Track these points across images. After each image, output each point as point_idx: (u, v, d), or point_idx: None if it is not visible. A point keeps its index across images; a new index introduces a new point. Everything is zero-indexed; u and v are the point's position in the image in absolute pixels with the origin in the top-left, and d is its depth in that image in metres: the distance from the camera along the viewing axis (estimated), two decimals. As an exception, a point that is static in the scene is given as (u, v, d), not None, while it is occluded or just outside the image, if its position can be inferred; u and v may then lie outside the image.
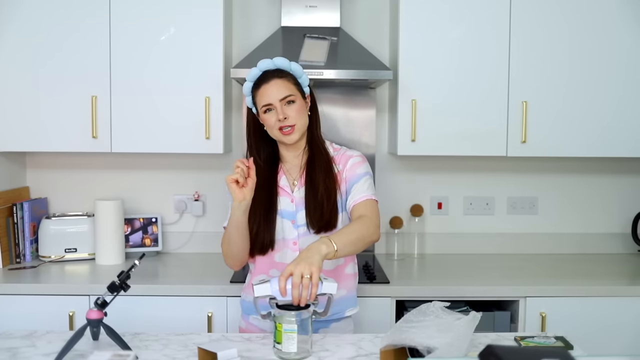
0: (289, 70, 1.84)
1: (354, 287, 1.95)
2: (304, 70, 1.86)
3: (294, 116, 1.80)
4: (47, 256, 2.67)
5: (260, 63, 1.83)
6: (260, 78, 1.83)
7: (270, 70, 1.83)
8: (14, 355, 1.54)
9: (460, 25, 2.58)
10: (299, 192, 1.87)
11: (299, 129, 1.82)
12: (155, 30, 2.53)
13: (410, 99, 2.58)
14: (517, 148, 2.61)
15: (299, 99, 1.83)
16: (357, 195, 1.84)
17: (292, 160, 1.91)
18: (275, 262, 1.87)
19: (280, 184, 1.88)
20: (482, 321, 1.53)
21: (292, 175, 1.90)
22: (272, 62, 1.83)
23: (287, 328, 1.51)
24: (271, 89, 1.80)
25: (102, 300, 1.57)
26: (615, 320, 2.33)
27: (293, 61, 1.85)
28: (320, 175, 1.84)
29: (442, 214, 2.97)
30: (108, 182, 2.91)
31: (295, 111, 1.80)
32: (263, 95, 1.81)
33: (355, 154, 1.93)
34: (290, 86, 1.82)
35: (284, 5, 2.69)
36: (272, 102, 1.79)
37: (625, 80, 2.60)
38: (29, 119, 2.54)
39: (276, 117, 1.79)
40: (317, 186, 1.83)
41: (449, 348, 1.33)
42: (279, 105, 1.79)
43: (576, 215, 3.00)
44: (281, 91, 1.79)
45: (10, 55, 2.52)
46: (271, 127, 1.82)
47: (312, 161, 1.88)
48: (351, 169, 1.89)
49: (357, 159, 1.91)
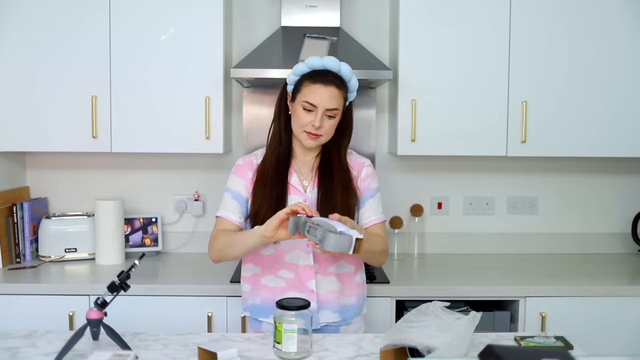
0: (348, 82, 1.80)
1: (362, 295, 1.93)
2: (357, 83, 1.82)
3: (327, 129, 1.78)
4: (47, 256, 2.67)
5: (326, 59, 1.76)
6: (320, 74, 1.76)
7: (334, 71, 1.77)
8: (14, 355, 1.54)
9: (460, 25, 2.58)
10: (311, 194, 1.84)
11: (323, 140, 1.80)
12: (156, 30, 2.53)
13: (410, 99, 2.58)
14: (517, 148, 2.61)
15: (340, 114, 1.80)
16: (370, 215, 1.87)
17: (303, 157, 1.87)
18: (285, 262, 1.83)
19: (292, 182, 1.84)
20: (482, 321, 1.53)
21: (303, 174, 1.87)
22: (339, 66, 1.77)
23: (287, 328, 1.51)
24: (326, 94, 1.74)
25: (102, 300, 1.57)
26: (615, 320, 2.33)
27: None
28: (339, 192, 1.81)
29: (442, 214, 2.97)
30: (108, 182, 2.91)
31: (331, 126, 1.78)
32: (313, 93, 1.74)
33: (367, 163, 1.93)
34: (341, 101, 1.78)
35: (284, 5, 2.69)
36: (318, 106, 1.74)
37: (625, 80, 2.60)
38: (29, 119, 2.54)
39: (311, 120, 1.75)
40: (334, 200, 1.79)
41: (449, 348, 1.33)
42: (321, 113, 1.74)
43: (576, 215, 3.00)
44: (332, 102, 1.75)
45: (10, 55, 2.52)
46: (302, 126, 1.77)
47: (330, 173, 1.83)
48: (365, 181, 1.89)
49: (369, 170, 1.92)
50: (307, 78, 1.77)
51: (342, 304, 1.86)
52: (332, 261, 1.84)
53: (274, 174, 1.82)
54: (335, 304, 1.84)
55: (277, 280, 1.84)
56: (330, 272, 1.84)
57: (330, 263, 1.84)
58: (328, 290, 1.84)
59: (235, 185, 1.87)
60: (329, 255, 1.67)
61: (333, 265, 1.85)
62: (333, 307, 1.84)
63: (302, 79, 1.78)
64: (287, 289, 1.82)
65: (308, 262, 1.82)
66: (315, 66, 1.77)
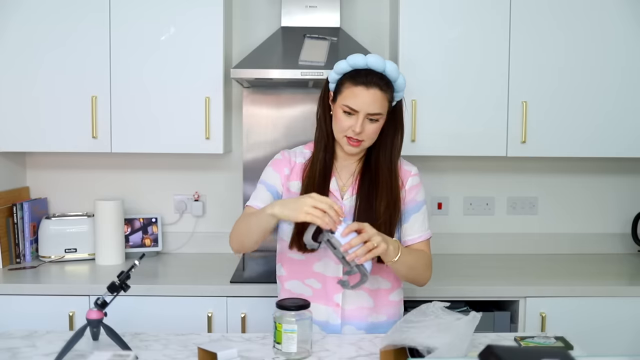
0: (394, 82, 1.67)
1: (397, 314, 1.81)
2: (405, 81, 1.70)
3: (369, 134, 1.65)
4: (47, 256, 2.67)
5: (370, 57, 1.63)
6: (363, 74, 1.63)
7: (377, 72, 1.64)
8: (14, 355, 1.54)
9: (460, 25, 2.58)
10: (348, 200, 1.73)
11: (366, 145, 1.68)
12: (155, 30, 2.53)
13: (410, 99, 2.58)
14: (517, 148, 2.61)
15: (384, 118, 1.67)
16: (415, 232, 1.75)
17: (344, 160, 1.76)
18: (314, 271, 1.74)
19: (330, 187, 1.73)
20: (482, 321, 1.53)
21: (342, 179, 1.76)
22: (384, 64, 1.63)
23: (287, 328, 1.51)
24: (367, 97, 1.62)
25: (102, 301, 1.57)
26: (615, 320, 2.33)
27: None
28: (382, 204, 1.68)
29: (442, 214, 2.97)
30: (108, 182, 2.91)
31: (374, 131, 1.66)
32: (355, 96, 1.62)
33: (413, 171, 1.78)
34: (385, 104, 1.65)
35: (284, 6, 2.69)
36: (359, 110, 1.62)
37: (625, 80, 2.60)
38: (29, 119, 2.54)
39: (351, 125, 1.63)
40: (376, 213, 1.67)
41: (449, 348, 1.33)
42: (362, 117, 1.62)
43: (576, 215, 3.00)
44: (375, 106, 1.62)
45: (10, 55, 2.52)
46: (342, 130, 1.66)
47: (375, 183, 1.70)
48: (411, 192, 1.76)
49: (416, 180, 1.78)
50: (348, 78, 1.65)
51: (371, 322, 1.76)
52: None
53: (321, 181, 1.71)
54: (364, 321, 1.75)
55: (304, 288, 1.76)
56: (362, 287, 1.67)
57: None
58: (358, 306, 1.74)
59: (270, 178, 1.77)
60: None
61: None
62: (359, 323, 1.74)
63: (343, 78, 1.66)
64: (313, 299, 1.71)
65: (337, 274, 1.72)
66: (358, 65, 1.64)
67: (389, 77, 1.65)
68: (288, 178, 1.77)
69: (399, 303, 1.83)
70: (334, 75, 1.69)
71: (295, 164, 1.79)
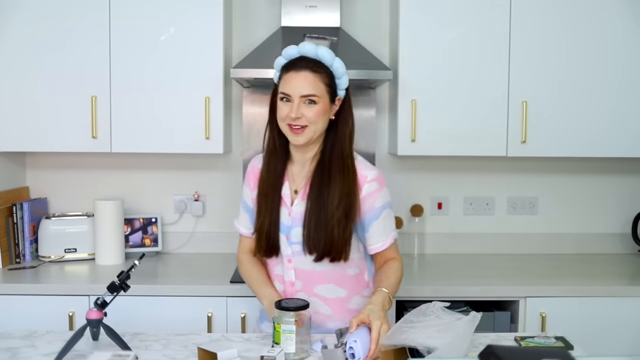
0: (330, 66, 1.64)
1: None
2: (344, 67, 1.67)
3: (311, 117, 1.61)
4: (47, 256, 2.67)
5: (302, 45, 1.65)
6: (294, 62, 1.64)
7: (309, 57, 1.64)
8: (14, 355, 1.54)
9: (460, 25, 2.58)
10: (298, 206, 1.68)
11: (311, 133, 1.62)
12: (155, 30, 2.53)
13: (410, 99, 2.58)
14: (517, 148, 2.61)
15: (324, 102, 1.63)
16: (378, 240, 1.70)
17: (299, 164, 1.72)
18: (275, 274, 1.77)
19: (282, 192, 1.71)
20: (482, 321, 1.53)
21: (296, 182, 1.72)
22: (315, 50, 1.63)
23: (286, 328, 1.51)
24: (298, 80, 1.61)
25: (102, 301, 1.57)
26: (615, 320, 2.33)
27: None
28: (335, 199, 1.62)
29: (442, 214, 2.97)
30: (108, 182, 2.91)
31: (315, 113, 1.61)
32: (287, 82, 1.62)
33: (370, 176, 1.68)
34: (320, 86, 1.62)
35: (284, 5, 2.69)
36: (292, 94, 1.61)
37: (625, 80, 2.60)
38: (29, 119, 2.54)
39: (289, 110, 1.61)
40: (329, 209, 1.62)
41: (449, 348, 1.33)
42: (297, 101, 1.60)
43: (576, 215, 3.00)
44: (307, 88, 1.60)
45: (10, 55, 2.51)
46: (281, 119, 1.64)
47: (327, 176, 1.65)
48: (368, 199, 1.67)
49: (373, 186, 1.68)
50: (283, 69, 1.66)
51: (329, 328, 1.72)
52: (319, 281, 1.71)
53: (272, 184, 1.70)
54: (321, 326, 1.73)
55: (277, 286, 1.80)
56: (315, 294, 1.72)
57: (315, 283, 1.71)
58: (314, 311, 1.70)
59: (245, 195, 1.82)
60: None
61: (320, 287, 1.72)
62: (317, 328, 1.71)
63: (281, 72, 1.67)
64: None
65: (290, 278, 1.73)
66: (292, 55, 1.65)
67: (323, 61, 1.64)
68: (253, 189, 1.77)
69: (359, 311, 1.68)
70: (275, 72, 1.69)
71: (260, 170, 1.77)
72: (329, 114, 1.66)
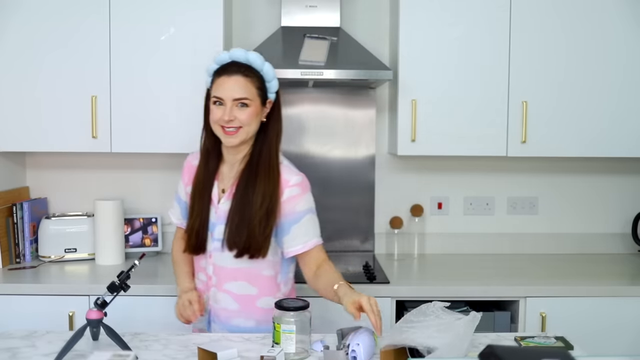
0: (260, 70, 1.73)
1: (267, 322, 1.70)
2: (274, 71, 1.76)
3: (243, 120, 1.69)
4: (47, 256, 2.67)
5: (233, 51, 1.73)
6: (226, 67, 1.72)
7: (240, 62, 1.72)
8: (14, 355, 1.54)
9: (460, 24, 2.58)
10: (224, 205, 1.76)
11: (244, 134, 1.71)
12: (155, 30, 2.53)
13: (410, 99, 2.58)
14: (517, 148, 2.61)
15: (256, 104, 1.71)
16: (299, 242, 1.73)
17: (230, 164, 1.80)
18: (200, 265, 1.87)
19: (213, 192, 1.79)
20: (482, 321, 1.53)
21: (224, 182, 1.79)
22: (246, 55, 1.71)
23: (286, 328, 1.51)
24: (229, 84, 1.69)
25: (102, 301, 1.57)
26: (615, 320, 2.33)
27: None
28: (259, 197, 1.69)
29: (442, 214, 2.97)
30: (108, 182, 2.91)
31: (247, 115, 1.69)
32: (219, 87, 1.70)
33: (292, 181, 1.73)
34: (252, 89, 1.70)
35: (284, 5, 2.69)
36: (225, 98, 1.69)
37: (625, 79, 2.60)
38: (29, 119, 2.54)
39: (222, 113, 1.69)
40: (253, 207, 1.69)
41: (449, 348, 1.33)
42: (230, 104, 1.69)
43: (576, 215, 3.00)
44: (239, 91, 1.69)
45: (11, 56, 2.51)
46: (215, 122, 1.72)
47: (253, 176, 1.72)
48: (289, 203, 1.72)
49: (295, 190, 1.73)
50: (215, 74, 1.74)
51: (235, 325, 1.80)
52: (233, 278, 1.78)
53: (204, 185, 1.79)
54: (226, 322, 1.81)
55: (198, 281, 1.90)
56: (225, 290, 1.79)
57: (228, 280, 1.78)
58: (222, 307, 1.81)
59: (178, 188, 1.94)
60: None
61: (232, 284, 1.78)
62: (223, 324, 1.81)
63: (214, 77, 1.74)
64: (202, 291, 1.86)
65: (209, 272, 1.82)
66: (223, 60, 1.73)
67: (254, 66, 1.72)
68: (187, 184, 1.87)
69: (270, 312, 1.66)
70: (207, 77, 1.77)
71: (194, 167, 1.86)
72: (260, 117, 1.75)
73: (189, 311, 1.79)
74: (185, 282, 1.89)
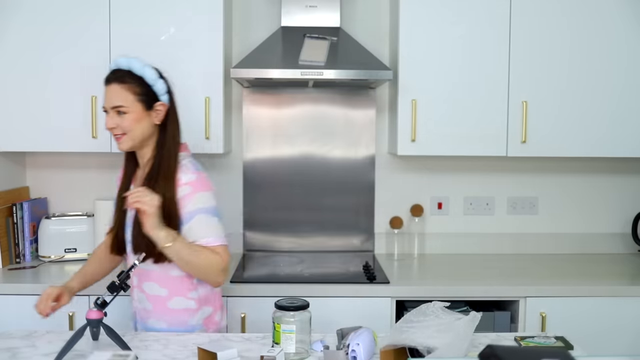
0: (141, 74, 1.73)
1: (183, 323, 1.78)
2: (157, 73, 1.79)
3: (125, 126, 1.71)
4: (47, 256, 2.67)
5: (116, 59, 1.77)
6: (107, 76, 1.75)
7: (122, 69, 1.74)
8: (14, 355, 1.54)
9: (460, 24, 2.58)
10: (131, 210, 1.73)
11: (130, 140, 1.73)
12: (155, 30, 2.53)
13: (410, 99, 2.58)
14: (517, 148, 2.61)
15: (136, 110, 1.71)
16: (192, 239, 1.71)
17: (141, 166, 1.82)
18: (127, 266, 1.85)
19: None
20: (482, 321, 1.53)
21: (136, 185, 1.81)
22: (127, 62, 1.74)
23: (286, 328, 1.51)
24: (108, 93, 1.74)
25: (102, 300, 1.57)
26: (615, 320, 2.33)
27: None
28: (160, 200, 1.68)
29: (442, 214, 2.97)
30: (108, 182, 2.90)
31: (127, 122, 1.71)
32: (104, 96, 1.75)
33: (184, 180, 1.72)
34: (127, 96, 1.71)
35: (284, 5, 2.69)
36: (106, 106, 1.74)
37: (625, 79, 2.60)
38: (29, 119, 2.54)
39: (106, 122, 1.74)
40: None
41: (449, 348, 1.33)
42: (111, 113, 1.73)
43: (576, 215, 3.00)
44: (115, 99, 1.71)
45: (11, 56, 2.51)
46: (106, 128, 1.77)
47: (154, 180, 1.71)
48: (181, 202, 1.71)
49: (186, 189, 1.71)
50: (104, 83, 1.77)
51: (150, 325, 1.80)
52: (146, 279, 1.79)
53: (121, 187, 1.84)
54: (144, 323, 1.83)
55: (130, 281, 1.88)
56: (142, 290, 1.82)
57: (144, 280, 1.80)
58: (142, 307, 1.83)
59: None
60: None
61: (146, 284, 1.80)
62: (142, 324, 1.84)
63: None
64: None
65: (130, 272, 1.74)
66: (115, 66, 1.77)
67: (134, 71, 1.73)
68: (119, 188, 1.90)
69: (182, 312, 1.77)
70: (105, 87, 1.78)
71: None
72: (148, 121, 1.75)
73: (41, 305, 1.70)
74: (72, 278, 1.87)
